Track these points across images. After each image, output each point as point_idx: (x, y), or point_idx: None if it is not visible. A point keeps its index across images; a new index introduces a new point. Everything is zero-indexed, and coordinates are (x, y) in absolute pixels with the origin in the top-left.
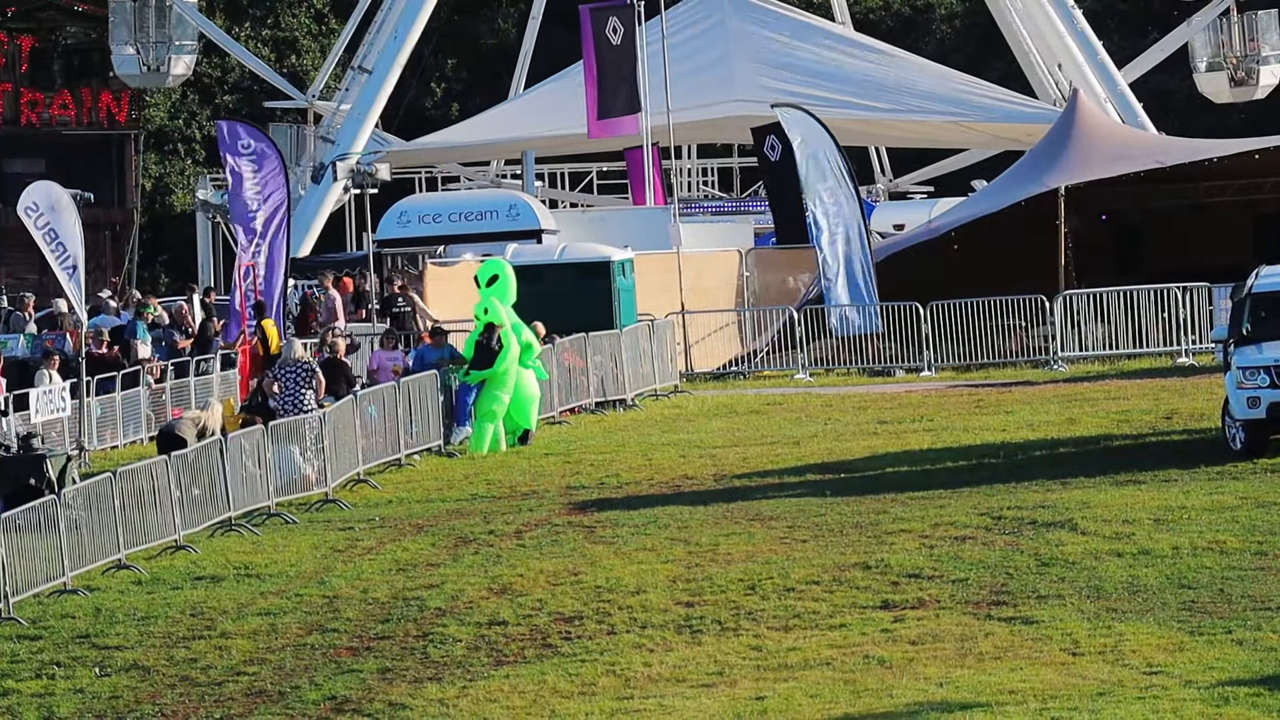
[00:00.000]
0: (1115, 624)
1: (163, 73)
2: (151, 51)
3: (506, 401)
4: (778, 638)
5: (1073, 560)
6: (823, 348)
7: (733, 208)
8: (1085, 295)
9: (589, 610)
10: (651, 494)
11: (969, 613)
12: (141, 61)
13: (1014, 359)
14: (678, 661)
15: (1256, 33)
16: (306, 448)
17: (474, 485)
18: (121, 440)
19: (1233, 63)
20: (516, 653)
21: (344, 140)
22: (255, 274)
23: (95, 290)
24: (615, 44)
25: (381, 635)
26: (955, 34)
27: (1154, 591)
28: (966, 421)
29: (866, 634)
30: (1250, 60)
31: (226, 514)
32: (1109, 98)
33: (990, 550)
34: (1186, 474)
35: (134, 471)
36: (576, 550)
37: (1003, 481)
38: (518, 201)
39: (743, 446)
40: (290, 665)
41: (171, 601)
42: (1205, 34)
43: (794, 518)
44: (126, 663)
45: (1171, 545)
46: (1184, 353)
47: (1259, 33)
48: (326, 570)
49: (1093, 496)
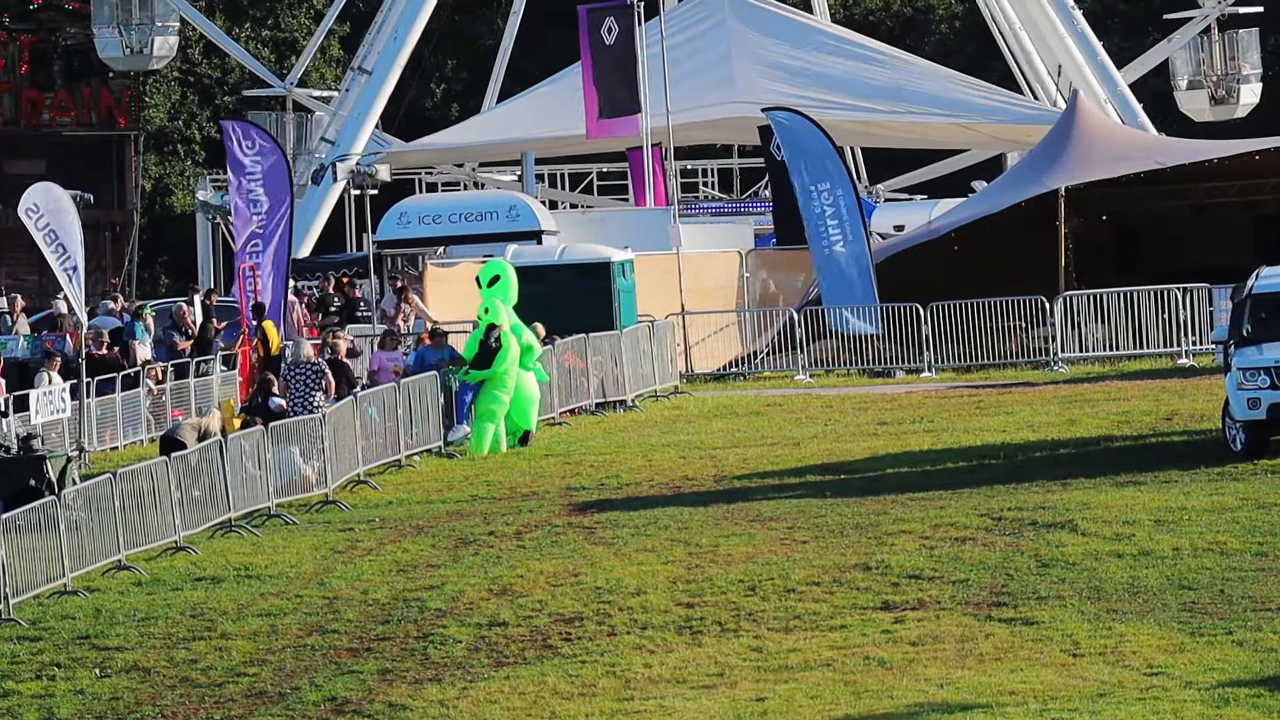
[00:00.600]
0: (1116, 625)
1: (146, 54)
2: (134, 34)
3: (507, 402)
4: (778, 639)
5: (1073, 561)
6: (823, 349)
7: (733, 209)
8: (1085, 296)
9: (589, 611)
10: (652, 495)
11: (969, 614)
12: (124, 44)
13: (1014, 360)
14: (678, 663)
15: (1237, 51)
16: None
17: (474, 486)
18: (121, 441)
19: (1213, 81)
20: (517, 654)
21: (344, 141)
22: (256, 275)
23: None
24: (609, 44)
25: (382, 636)
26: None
27: (1154, 592)
28: (967, 422)
29: (867, 635)
30: (1230, 79)
31: (227, 515)
32: (1109, 98)
33: (990, 551)
34: (1187, 475)
35: (134, 472)
36: (577, 551)
37: (1003, 482)
38: (518, 202)
39: (743, 447)
40: (290, 666)
41: (171, 602)
42: (1185, 52)
43: (794, 519)
44: (127, 664)
45: (1172, 546)
46: (1184, 354)
47: (1239, 51)
48: (327, 571)
49: (1093, 497)
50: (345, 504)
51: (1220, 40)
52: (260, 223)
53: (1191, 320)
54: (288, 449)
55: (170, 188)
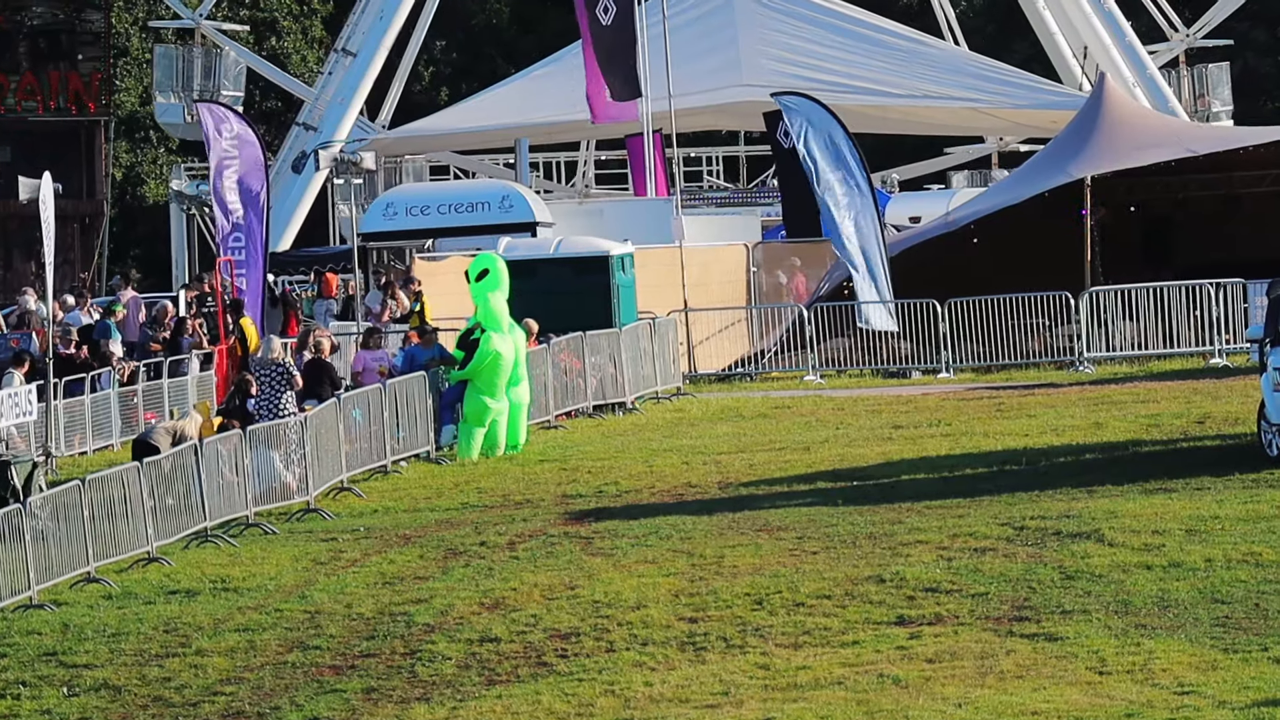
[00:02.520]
0: (1144, 641)
1: None
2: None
3: (494, 406)
4: (786, 655)
5: (1099, 573)
6: (834, 348)
7: (739, 199)
8: (1112, 292)
9: (586, 626)
10: (653, 503)
11: (989, 629)
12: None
13: (1037, 360)
14: (681, 681)
15: (1207, 88)
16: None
17: (465, 494)
18: (91, 446)
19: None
20: (509, 671)
21: (327, 127)
22: (234, 269)
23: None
24: (605, 24)
25: (366, 653)
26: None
27: (1185, 606)
28: (987, 426)
29: (880, 652)
30: (1200, 115)
31: (202, 524)
32: (1138, 82)
33: (1012, 563)
34: (1220, 482)
35: (104, 479)
36: (573, 563)
37: (1025, 490)
38: (511, 192)
39: (749, 452)
40: (270, 685)
41: (144, 617)
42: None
43: (804, 528)
44: (96, 682)
45: (1204, 557)
46: (1217, 353)
47: (1209, 87)
48: (308, 584)
49: (1120, 506)
50: (328, 512)
51: (1189, 74)
52: (239, 214)
53: (1225, 317)
54: (267, 454)
55: (142, 177)
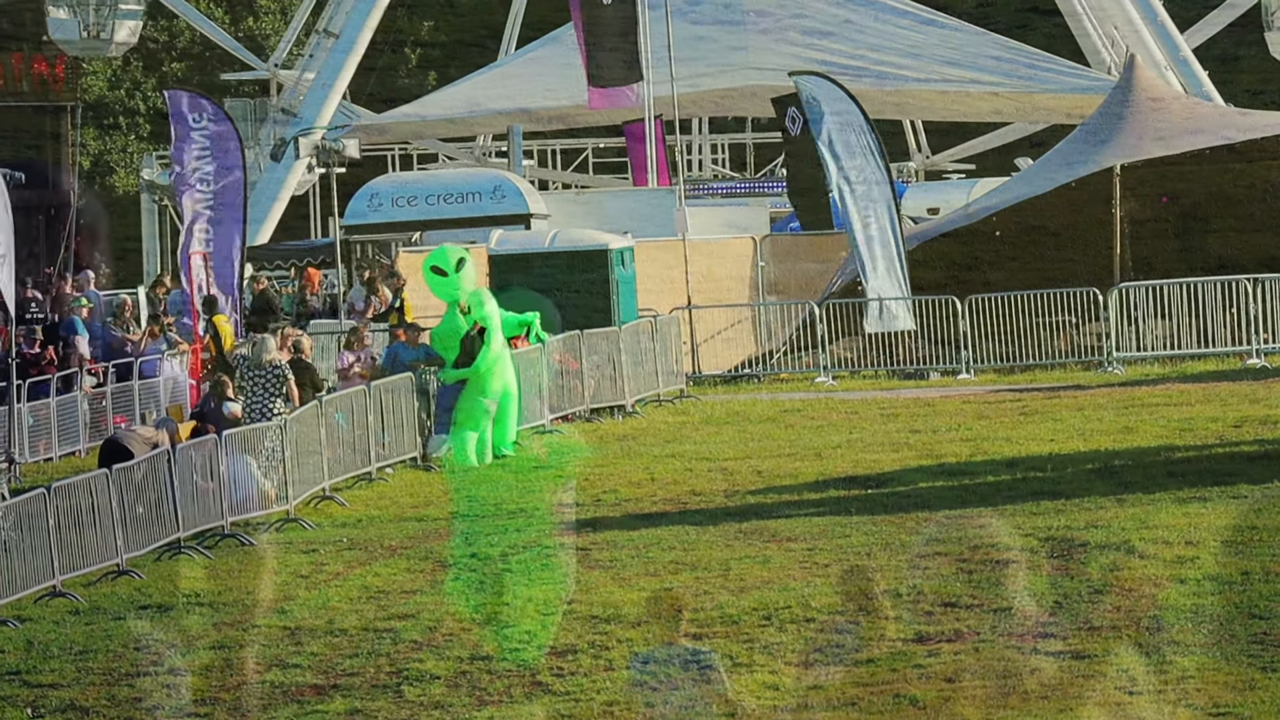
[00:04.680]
0: (1177, 659)
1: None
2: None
3: (492, 408)
4: (797, 674)
5: (1129, 587)
6: (847, 348)
7: (746, 189)
8: (1144, 288)
9: (584, 643)
10: (654, 512)
11: (1012, 646)
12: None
13: (1063, 360)
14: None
15: None
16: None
17: (454, 502)
18: (57, 452)
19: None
20: (502, 691)
21: (308, 113)
22: (207, 264)
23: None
24: (605, 2)
25: (350, 672)
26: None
27: (1221, 623)
28: (1009, 431)
29: (897, 670)
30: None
31: (175, 535)
32: (1170, 65)
33: (1036, 576)
34: (1258, 490)
35: (71, 487)
36: (569, 576)
37: (1050, 498)
38: (503, 182)
39: (757, 459)
40: (247, 705)
41: (113, 633)
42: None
43: (815, 539)
44: (62, 702)
45: (1241, 570)
46: (1255, 353)
47: None
48: (288, 598)
49: (1152, 515)
50: (309, 522)
51: None
52: (207, 203)
53: (1263, 315)
54: (244, 460)
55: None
